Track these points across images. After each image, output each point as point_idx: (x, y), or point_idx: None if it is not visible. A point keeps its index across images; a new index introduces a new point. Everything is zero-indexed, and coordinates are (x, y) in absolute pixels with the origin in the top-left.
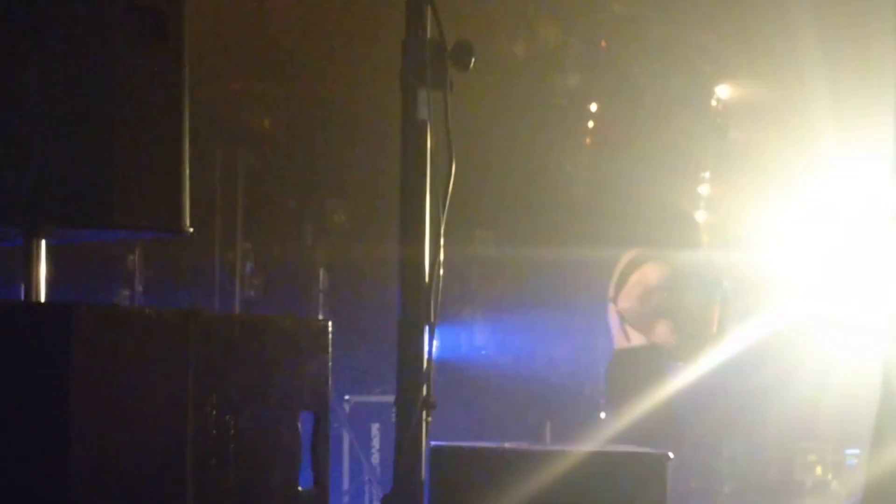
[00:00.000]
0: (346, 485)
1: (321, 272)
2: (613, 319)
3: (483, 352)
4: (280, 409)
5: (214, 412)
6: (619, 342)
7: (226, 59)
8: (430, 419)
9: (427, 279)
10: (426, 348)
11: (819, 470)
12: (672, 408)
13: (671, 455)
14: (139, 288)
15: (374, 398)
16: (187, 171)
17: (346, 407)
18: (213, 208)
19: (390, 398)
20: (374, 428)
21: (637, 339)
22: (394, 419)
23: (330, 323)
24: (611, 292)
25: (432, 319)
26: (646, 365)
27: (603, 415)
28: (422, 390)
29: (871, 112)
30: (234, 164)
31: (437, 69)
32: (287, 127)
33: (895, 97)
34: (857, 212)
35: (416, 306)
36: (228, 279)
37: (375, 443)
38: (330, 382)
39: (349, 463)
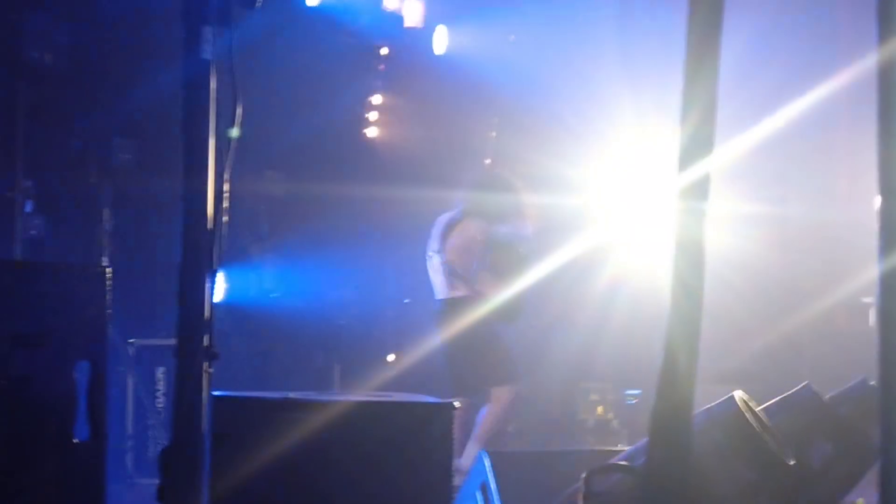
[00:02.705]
0: (129, 429)
1: (106, 212)
2: (439, 271)
3: (272, 294)
4: (54, 359)
5: None
6: (443, 292)
7: None
8: (211, 370)
9: (210, 224)
10: (208, 295)
11: (600, 409)
12: (459, 352)
13: (457, 405)
14: None
15: (159, 341)
16: None
17: (131, 350)
18: None
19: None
20: (160, 371)
21: (462, 290)
22: None
23: (109, 269)
24: (435, 245)
25: (214, 266)
26: (470, 313)
27: (391, 357)
28: (203, 339)
29: (657, 58)
30: (13, 99)
31: (222, 7)
32: (70, 63)
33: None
34: (647, 158)
35: (197, 252)
36: (8, 218)
37: (160, 386)
38: (108, 331)
39: (133, 407)
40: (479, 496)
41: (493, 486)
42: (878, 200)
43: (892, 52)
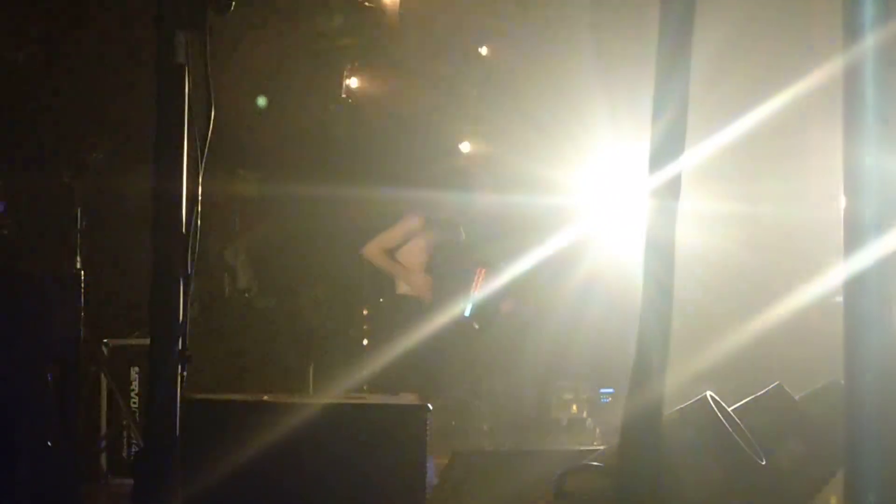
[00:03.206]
0: (103, 429)
1: (79, 211)
2: None
3: (245, 294)
4: (28, 361)
5: None
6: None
7: None
8: (185, 373)
9: (184, 229)
10: (182, 297)
11: (574, 408)
12: (429, 350)
13: (430, 406)
14: None
15: (133, 341)
16: None
17: (105, 350)
18: None
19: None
20: (134, 372)
21: (403, 288)
22: None
23: (83, 272)
24: None
25: (189, 271)
26: (406, 312)
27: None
28: (177, 343)
29: (631, 57)
30: None
31: (196, 11)
32: (43, 59)
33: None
34: (620, 158)
35: (170, 254)
36: None
37: (135, 386)
38: (82, 333)
39: (107, 407)
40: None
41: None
42: (842, 201)
43: (857, 55)
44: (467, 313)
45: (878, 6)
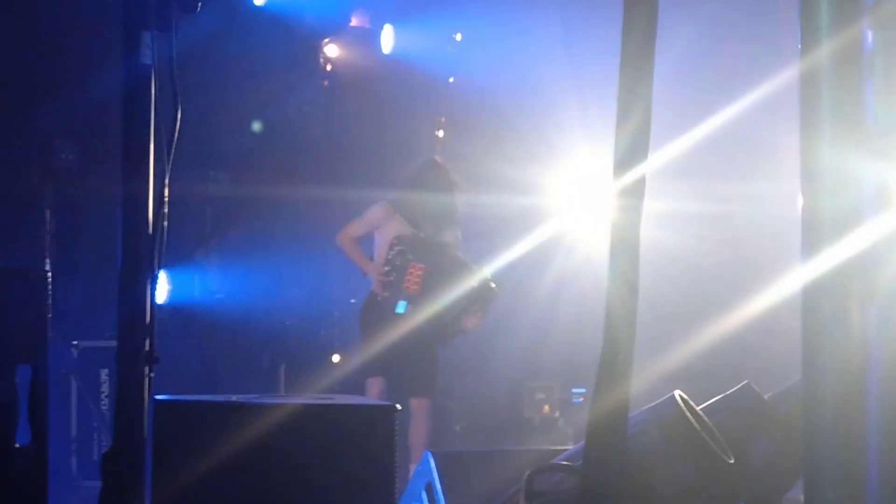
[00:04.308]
0: (73, 431)
1: (48, 213)
2: None
3: (217, 295)
4: None
5: None
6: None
7: None
8: (152, 374)
9: (151, 229)
10: (149, 298)
11: (546, 408)
12: (400, 350)
13: (399, 406)
14: None
15: (103, 343)
16: None
17: (75, 352)
18: None
19: None
20: (104, 373)
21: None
22: None
23: (49, 273)
24: None
25: (155, 270)
26: (377, 310)
27: (336, 357)
28: (144, 343)
29: (603, 56)
30: None
31: (162, 11)
32: (10, 63)
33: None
34: (591, 158)
35: (137, 256)
36: None
37: (105, 388)
38: (49, 335)
39: (77, 409)
40: (424, 496)
41: (438, 485)
42: (800, 200)
43: (814, 57)
44: (400, 310)
45: (835, 10)
